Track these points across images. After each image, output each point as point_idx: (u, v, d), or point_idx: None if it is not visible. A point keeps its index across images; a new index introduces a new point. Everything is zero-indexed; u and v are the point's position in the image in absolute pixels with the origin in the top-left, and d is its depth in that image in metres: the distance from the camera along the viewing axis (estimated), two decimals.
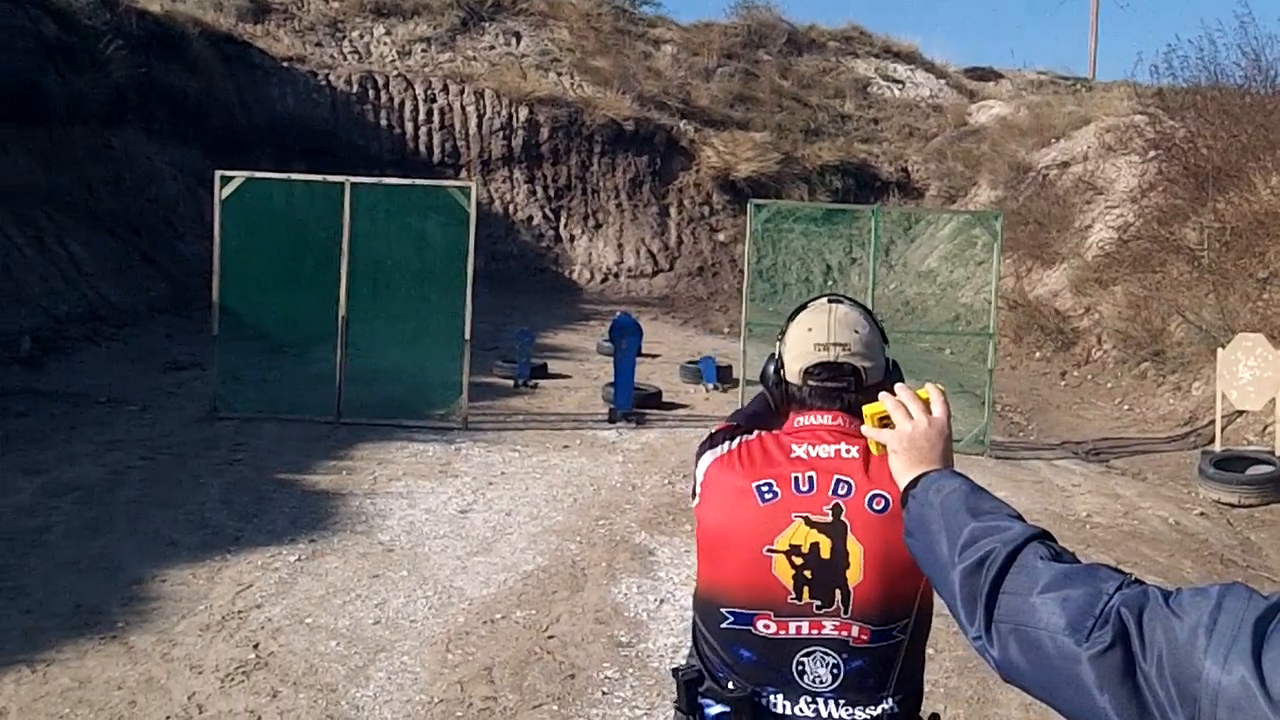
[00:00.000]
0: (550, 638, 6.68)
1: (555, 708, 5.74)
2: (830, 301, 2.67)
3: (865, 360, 2.57)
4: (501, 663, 6.27)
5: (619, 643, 6.64)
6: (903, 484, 2.14)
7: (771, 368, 2.73)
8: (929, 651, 2.67)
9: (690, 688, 2.55)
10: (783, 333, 2.70)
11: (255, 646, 6.33)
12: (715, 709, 2.52)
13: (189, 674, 5.93)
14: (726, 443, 2.61)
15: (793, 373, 2.62)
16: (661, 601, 7.29)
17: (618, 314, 14.59)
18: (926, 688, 2.61)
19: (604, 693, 5.95)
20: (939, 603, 2.05)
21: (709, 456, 2.60)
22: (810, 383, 2.58)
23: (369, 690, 5.84)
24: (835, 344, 2.56)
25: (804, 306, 2.72)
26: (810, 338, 2.59)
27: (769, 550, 2.41)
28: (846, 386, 2.56)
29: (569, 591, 7.46)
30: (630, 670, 6.24)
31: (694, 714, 2.55)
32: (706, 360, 16.14)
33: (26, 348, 13.77)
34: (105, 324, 16.20)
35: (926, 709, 2.58)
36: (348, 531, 8.52)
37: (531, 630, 6.78)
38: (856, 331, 2.59)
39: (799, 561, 2.40)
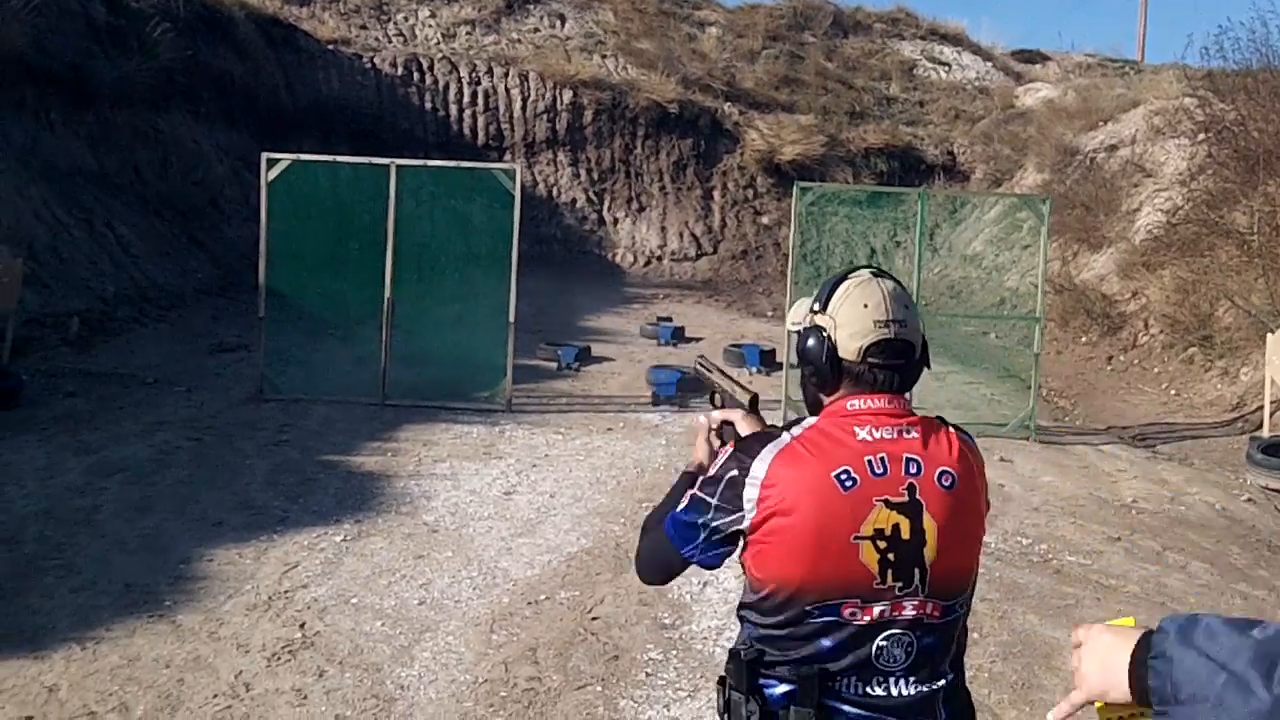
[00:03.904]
0: (594, 619, 6.69)
1: (599, 689, 5.76)
2: (874, 276, 2.61)
3: (917, 337, 2.56)
4: (545, 644, 6.29)
5: (662, 625, 6.65)
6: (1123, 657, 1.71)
7: (816, 343, 2.59)
8: (974, 635, 2.67)
9: (752, 668, 2.49)
10: (823, 306, 2.60)
11: (301, 626, 6.38)
12: (780, 688, 2.47)
13: (236, 653, 5.98)
14: (785, 433, 2.51)
15: (849, 350, 2.53)
16: (705, 584, 7.28)
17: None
18: (971, 672, 2.62)
19: (647, 674, 5.96)
20: (978, 585, 2.02)
21: (768, 452, 2.46)
22: (870, 359, 2.52)
23: (414, 670, 5.88)
24: (894, 320, 2.52)
25: (844, 278, 2.63)
26: (868, 314, 2.52)
27: (856, 538, 2.38)
28: (905, 364, 2.54)
29: (612, 573, 7.47)
30: (674, 652, 6.25)
31: (754, 695, 2.48)
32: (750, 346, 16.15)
33: (75, 329, 13.90)
34: (152, 305, 16.32)
35: (972, 691, 2.58)
36: (393, 512, 8.57)
37: (575, 611, 6.80)
38: (907, 308, 2.56)
39: (884, 545, 2.38)
